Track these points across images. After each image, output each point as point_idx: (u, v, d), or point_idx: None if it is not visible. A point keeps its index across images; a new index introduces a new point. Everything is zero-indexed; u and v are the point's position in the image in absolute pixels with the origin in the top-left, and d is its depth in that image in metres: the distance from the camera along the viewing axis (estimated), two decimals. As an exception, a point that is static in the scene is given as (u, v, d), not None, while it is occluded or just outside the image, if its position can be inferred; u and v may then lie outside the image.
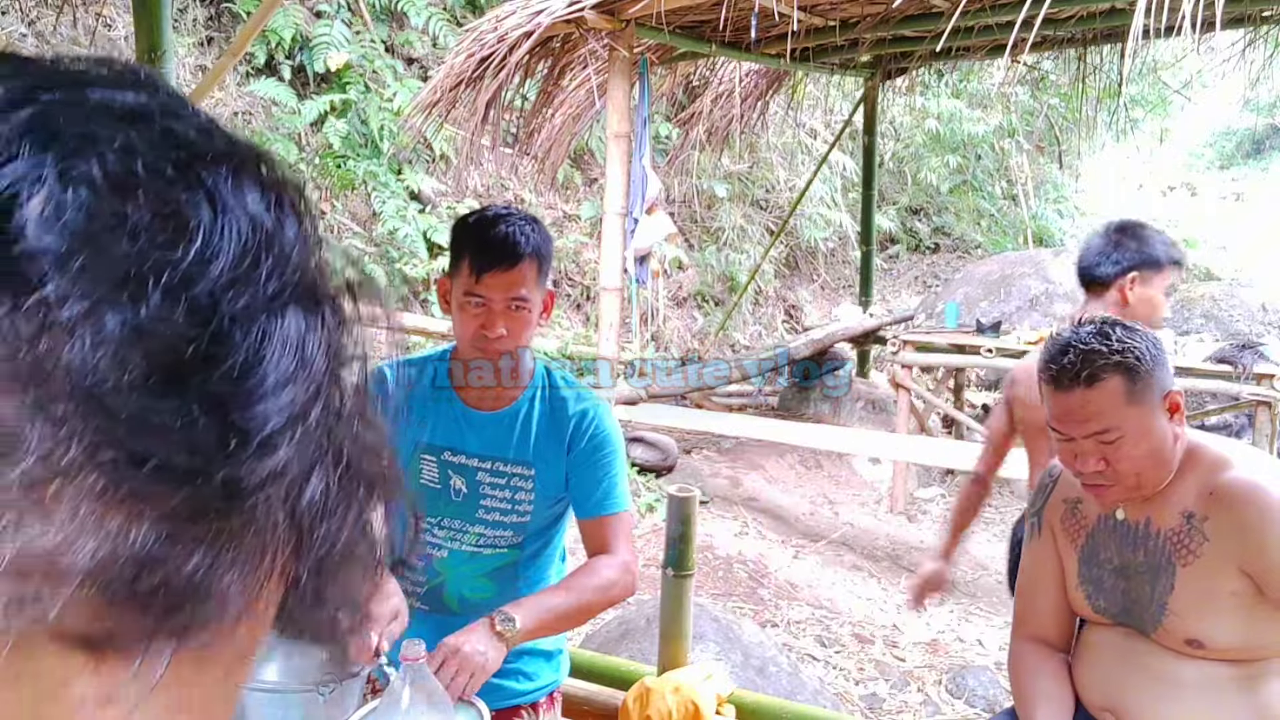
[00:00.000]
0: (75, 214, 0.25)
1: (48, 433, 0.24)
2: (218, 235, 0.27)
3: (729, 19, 4.81)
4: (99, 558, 0.25)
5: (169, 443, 0.25)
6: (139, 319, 0.25)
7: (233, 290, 0.27)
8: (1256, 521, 1.51)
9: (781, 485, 5.94)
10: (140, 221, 0.26)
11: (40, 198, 0.25)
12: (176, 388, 0.25)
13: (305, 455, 0.28)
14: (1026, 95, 11.21)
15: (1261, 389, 5.00)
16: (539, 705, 1.83)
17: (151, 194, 0.26)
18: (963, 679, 3.78)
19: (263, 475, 0.27)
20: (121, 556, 0.25)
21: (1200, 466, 1.60)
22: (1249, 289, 8.52)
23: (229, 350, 0.26)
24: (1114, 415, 1.54)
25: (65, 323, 0.24)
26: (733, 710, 2.27)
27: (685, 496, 2.28)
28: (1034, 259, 9.04)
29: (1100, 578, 1.72)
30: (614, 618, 3.61)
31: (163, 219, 0.26)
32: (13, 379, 0.24)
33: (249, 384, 0.27)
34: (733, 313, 9.01)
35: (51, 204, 0.25)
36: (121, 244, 0.25)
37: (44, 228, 0.24)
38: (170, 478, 0.25)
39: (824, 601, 4.42)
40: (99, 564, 0.25)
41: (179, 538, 0.26)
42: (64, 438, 0.24)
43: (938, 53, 6.16)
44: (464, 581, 1.74)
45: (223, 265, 0.27)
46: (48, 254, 0.24)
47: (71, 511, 0.24)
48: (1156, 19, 3.38)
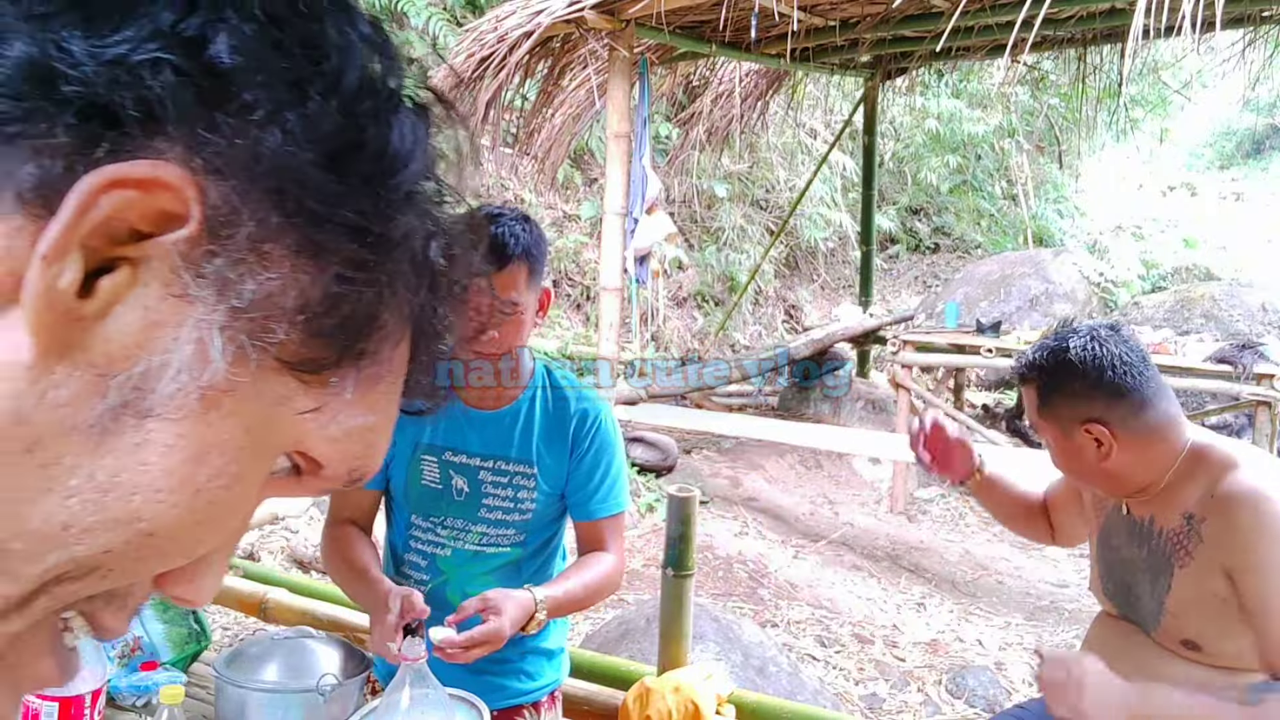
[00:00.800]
0: (250, 43, 0.32)
1: (259, 204, 0.32)
2: (347, 53, 0.35)
3: (729, 19, 4.81)
4: (303, 298, 0.34)
5: (341, 207, 0.34)
6: (308, 115, 0.33)
7: (363, 93, 0.35)
8: (1248, 526, 1.49)
9: (781, 485, 5.94)
10: (294, 46, 0.34)
11: (225, 33, 0.32)
12: (339, 165, 0.34)
13: (424, 220, 0.37)
14: (1026, 95, 11.20)
15: (1261, 389, 4.99)
16: (540, 705, 1.84)
17: (297, 25, 0.34)
18: (963, 679, 3.78)
19: (404, 230, 0.36)
20: (317, 296, 0.34)
21: (1205, 468, 1.58)
22: (1249, 289, 8.52)
23: (369, 137, 0.35)
24: (1033, 417, 1.68)
25: (259, 120, 0.32)
26: (733, 710, 2.27)
27: (685, 496, 2.28)
28: (1034, 259, 9.05)
29: (1111, 562, 1.74)
30: (614, 618, 3.61)
31: (308, 43, 0.34)
32: (229, 165, 0.32)
33: (385, 162, 0.35)
34: (733, 313, 9.01)
35: (235, 37, 0.32)
36: (285, 62, 0.33)
37: (232, 54, 0.32)
38: (344, 234, 0.34)
39: (824, 601, 4.42)
40: (303, 303, 0.34)
41: (354, 281, 0.34)
42: (270, 207, 0.32)
43: (938, 53, 6.17)
44: (467, 580, 1.74)
45: (354, 75, 0.35)
46: (238, 72, 0.32)
47: (280, 263, 0.33)
48: (1156, 19, 3.38)
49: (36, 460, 0.31)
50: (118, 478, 0.32)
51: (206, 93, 0.31)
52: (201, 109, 0.31)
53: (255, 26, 0.33)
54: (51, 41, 0.31)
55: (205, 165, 0.31)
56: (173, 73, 0.31)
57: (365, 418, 0.38)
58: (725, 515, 5.28)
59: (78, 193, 0.30)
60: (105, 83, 0.30)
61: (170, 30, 0.31)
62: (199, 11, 0.32)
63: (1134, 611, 1.69)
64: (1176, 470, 1.62)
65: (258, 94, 0.32)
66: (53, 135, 0.30)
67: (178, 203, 0.31)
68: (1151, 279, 11.33)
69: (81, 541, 0.32)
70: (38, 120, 0.30)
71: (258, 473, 0.36)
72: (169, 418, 0.32)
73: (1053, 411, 1.63)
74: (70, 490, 0.31)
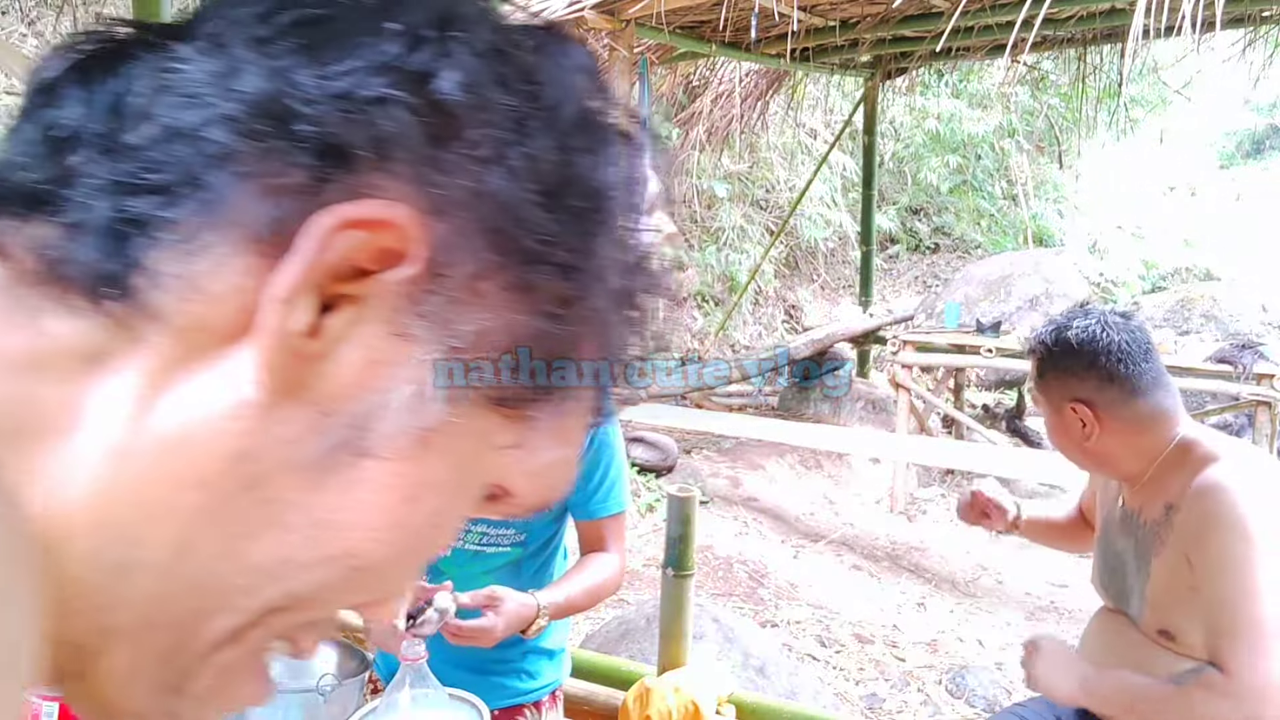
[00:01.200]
0: (476, 78, 0.32)
1: (478, 242, 0.32)
2: (564, 86, 0.35)
3: (729, 19, 4.81)
4: (513, 335, 0.33)
5: (556, 245, 0.33)
6: (529, 152, 0.33)
7: (579, 126, 0.35)
8: (1210, 515, 1.52)
9: (781, 485, 5.93)
10: (516, 80, 0.33)
11: (453, 68, 0.32)
12: (555, 202, 0.33)
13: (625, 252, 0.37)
14: (1026, 95, 11.19)
15: (1261, 389, 4.99)
16: (541, 704, 1.84)
17: (518, 58, 0.34)
18: (963, 679, 3.78)
19: (608, 263, 0.35)
20: (526, 334, 0.34)
21: (1190, 461, 1.61)
22: (1249, 289, 8.52)
23: (583, 172, 0.34)
24: (1032, 387, 1.78)
25: (483, 158, 0.32)
26: (733, 710, 2.27)
27: (685, 496, 2.27)
28: (1034, 259, 9.04)
29: (1107, 554, 1.78)
30: (614, 617, 3.61)
31: (528, 76, 0.34)
32: (451, 203, 0.32)
33: (596, 197, 0.35)
34: (733, 313, 9.01)
35: (462, 72, 0.32)
36: (508, 97, 0.33)
37: (460, 90, 0.32)
38: (555, 271, 0.33)
39: (824, 601, 4.42)
40: (513, 340, 0.33)
41: (560, 317, 0.34)
42: (488, 245, 0.32)
43: (938, 53, 6.17)
44: (468, 580, 1.74)
45: (571, 109, 0.34)
46: (464, 108, 0.32)
47: (494, 302, 0.33)
48: (1156, 19, 3.38)
49: (259, 497, 0.32)
50: (334, 515, 0.32)
51: (433, 129, 0.31)
52: (428, 146, 0.31)
53: (480, 60, 0.33)
54: (282, 75, 0.31)
55: (429, 203, 0.31)
56: (404, 110, 0.31)
57: (561, 450, 0.38)
58: (725, 515, 5.28)
59: (313, 235, 0.30)
60: (339, 121, 0.30)
61: (397, 64, 0.31)
62: (426, 45, 0.32)
63: (1125, 603, 1.73)
64: (1164, 462, 1.65)
65: (482, 131, 0.32)
66: (285, 174, 0.30)
67: (402, 241, 0.31)
68: (1151, 279, 11.33)
69: (297, 577, 0.33)
70: (271, 159, 0.30)
71: (463, 508, 0.36)
72: (386, 457, 0.32)
73: (1046, 384, 1.71)
74: (289, 527, 0.32)
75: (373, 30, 0.32)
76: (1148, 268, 11.51)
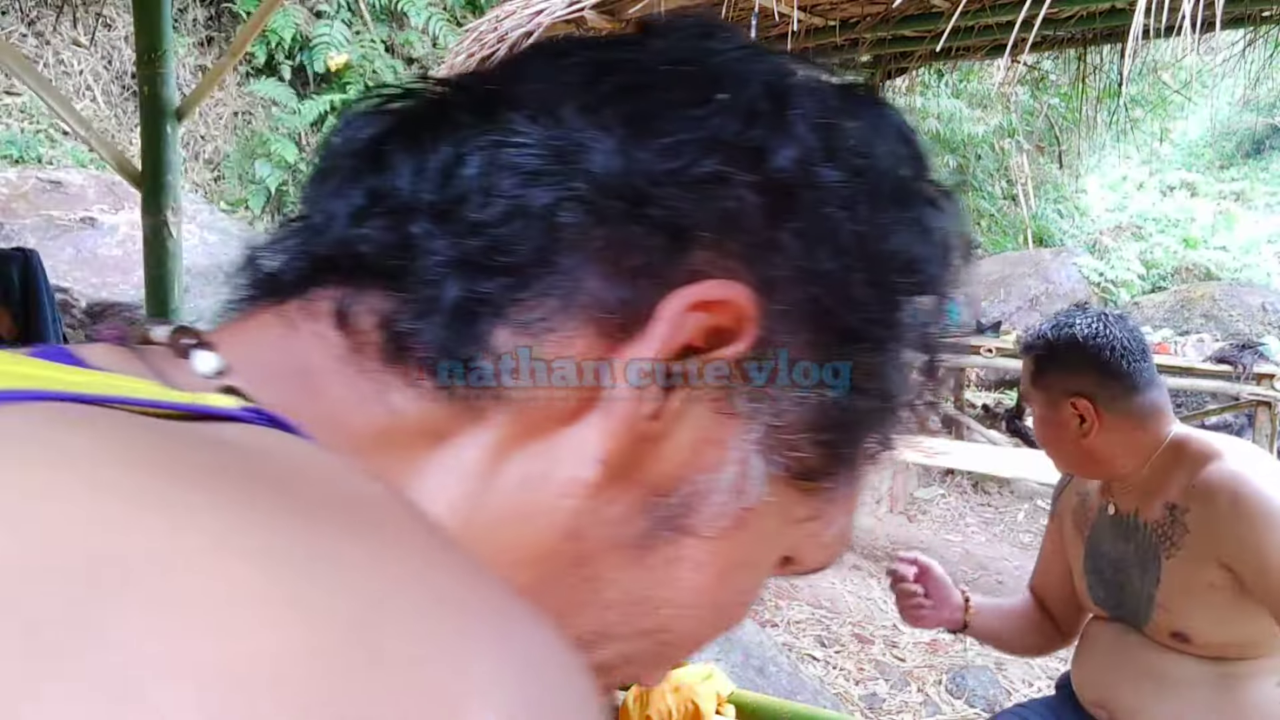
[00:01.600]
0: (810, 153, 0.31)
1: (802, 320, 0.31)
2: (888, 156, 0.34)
3: (729, 19, 4.81)
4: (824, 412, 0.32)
5: (872, 323, 0.32)
6: (856, 229, 0.31)
7: (897, 198, 0.33)
8: (1229, 512, 1.51)
9: (781, 485, 5.94)
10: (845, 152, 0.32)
11: (789, 144, 0.31)
12: (876, 277, 0.32)
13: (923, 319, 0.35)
14: (1026, 95, 11.20)
15: (1261, 389, 4.99)
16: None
17: (846, 129, 0.33)
18: (963, 679, 3.78)
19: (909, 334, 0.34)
20: (835, 410, 0.33)
21: (1186, 459, 1.61)
22: (1249, 289, 8.52)
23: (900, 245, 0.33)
24: (1026, 386, 1.73)
25: (814, 235, 0.31)
26: (733, 710, 2.27)
27: (685, 496, 2.27)
28: (1034, 259, 9.05)
29: (1101, 569, 1.75)
30: (614, 618, 3.61)
31: (856, 149, 0.33)
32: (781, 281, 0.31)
33: (908, 270, 0.33)
34: (733, 313, 9.01)
35: (797, 148, 0.31)
36: (839, 171, 0.32)
37: (794, 167, 0.31)
38: (867, 348, 0.33)
39: (824, 601, 4.42)
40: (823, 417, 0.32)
41: (866, 392, 0.33)
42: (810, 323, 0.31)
43: (938, 53, 6.15)
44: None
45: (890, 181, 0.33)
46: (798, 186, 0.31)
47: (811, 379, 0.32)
48: (1156, 19, 3.38)
49: (583, 574, 0.32)
50: (649, 592, 0.33)
51: (769, 208, 0.31)
52: (764, 224, 0.31)
53: (812, 134, 0.32)
54: (626, 153, 0.30)
55: (759, 280, 0.30)
56: (746, 189, 0.30)
57: (848, 517, 0.38)
58: (725, 515, 5.28)
59: (666, 320, 0.30)
60: (687, 201, 0.30)
61: (734, 140, 0.31)
62: (761, 120, 0.31)
63: (1125, 609, 1.71)
64: (1156, 461, 1.64)
65: (814, 206, 0.31)
66: (634, 255, 0.30)
67: (736, 320, 0.30)
68: (1151, 279, 11.33)
69: (607, 648, 0.33)
70: (621, 239, 0.30)
71: (762, 581, 0.36)
72: (705, 536, 0.32)
73: (1045, 382, 1.68)
74: (607, 603, 0.32)
75: (698, 101, 0.31)
76: (1148, 268, 11.51)
